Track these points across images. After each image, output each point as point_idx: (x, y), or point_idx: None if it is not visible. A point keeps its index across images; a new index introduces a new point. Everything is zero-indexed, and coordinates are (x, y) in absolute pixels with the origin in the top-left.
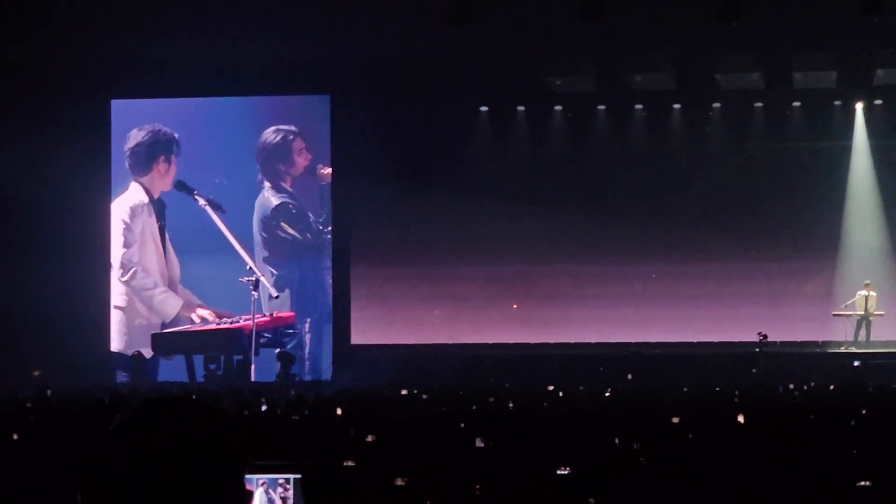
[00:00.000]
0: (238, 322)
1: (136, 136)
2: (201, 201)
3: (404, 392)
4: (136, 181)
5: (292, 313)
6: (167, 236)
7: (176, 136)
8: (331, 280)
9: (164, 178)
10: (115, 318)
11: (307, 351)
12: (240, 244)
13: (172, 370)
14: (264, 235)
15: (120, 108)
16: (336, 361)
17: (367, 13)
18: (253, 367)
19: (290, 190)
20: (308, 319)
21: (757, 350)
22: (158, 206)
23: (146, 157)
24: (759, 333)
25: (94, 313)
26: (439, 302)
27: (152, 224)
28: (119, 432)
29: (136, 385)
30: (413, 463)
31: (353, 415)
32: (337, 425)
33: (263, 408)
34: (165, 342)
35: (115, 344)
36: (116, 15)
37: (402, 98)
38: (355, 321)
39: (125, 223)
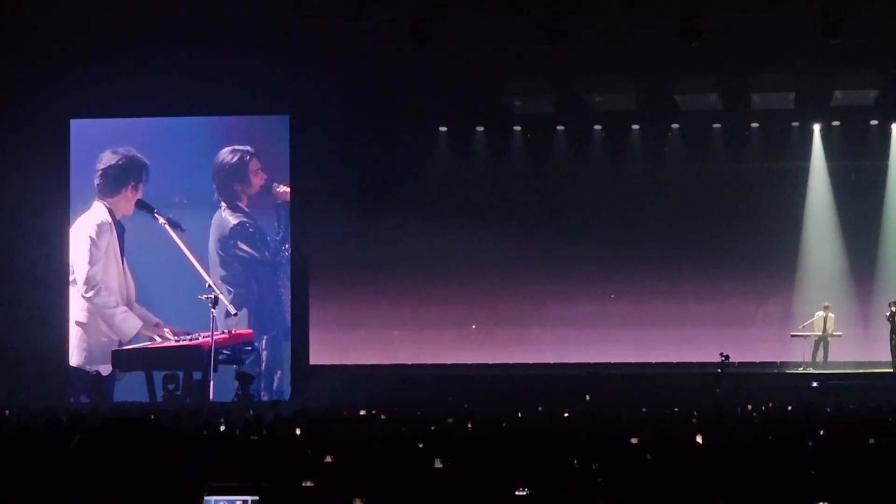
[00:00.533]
0: (197, 339)
1: (108, 159)
2: (161, 220)
3: (363, 412)
4: (101, 202)
5: (251, 330)
6: (125, 257)
7: (147, 163)
8: (289, 299)
9: (129, 203)
10: (76, 333)
11: (264, 368)
12: (198, 262)
13: (131, 390)
14: (221, 254)
15: (79, 127)
16: (295, 381)
17: (328, 34)
18: (212, 386)
19: (247, 209)
20: (265, 337)
21: (719, 371)
22: (119, 227)
23: (116, 181)
24: (722, 354)
25: (53, 330)
26: (398, 322)
27: (115, 244)
28: (78, 453)
29: (95, 405)
30: (372, 484)
31: (311, 435)
32: (295, 446)
33: (222, 428)
34: (125, 358)
35: (75, 359)
36: (76, 34)
37: (362, 118)
38: (314, 341)
39: (92, 240)
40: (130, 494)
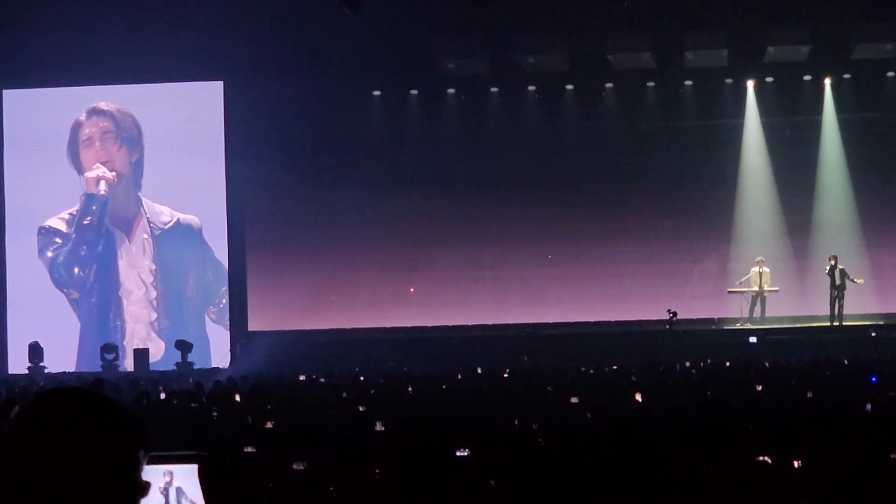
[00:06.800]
0: None
1: None
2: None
3: (302, 378)
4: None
5: None
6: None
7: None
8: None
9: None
10: None
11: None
12: None
13: (68, 360)
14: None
15: (13, 97)
16: (233, 348)
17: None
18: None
19: None
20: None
21: (668, 327)
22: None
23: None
24: (669, 311)
25: None
26: (336, 287)
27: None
28: (15, 424)
29: (33, 376)
30: (313, 448)
31: (251, 402)
32: (236, 413)
33: (162, 396)
34: None
35: None
36: (7, 5)
37: (296, 83)
38: (252, 307)
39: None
40: (68, 464)
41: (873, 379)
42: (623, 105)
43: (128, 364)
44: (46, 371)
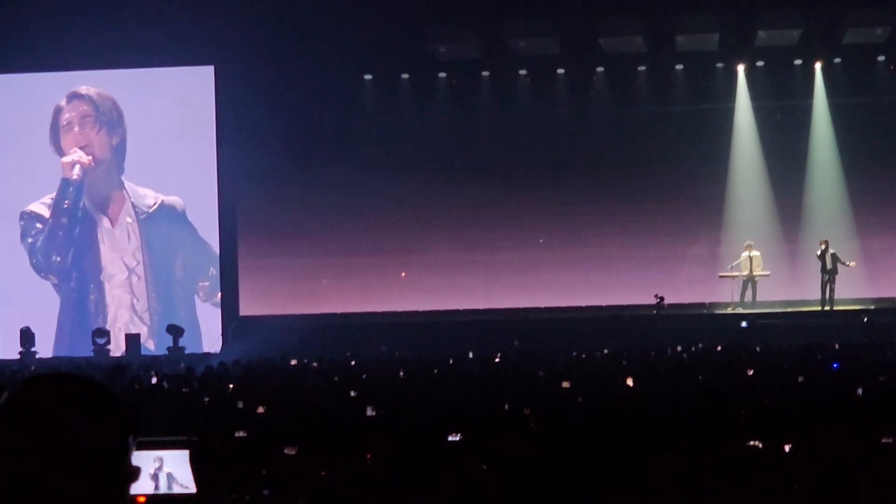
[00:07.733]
0: None
1: None
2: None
3: (294, 362)
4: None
5: None
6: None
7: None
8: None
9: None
10: None
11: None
12: None
13: (61, 345)
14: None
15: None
16: (225, 333)
17: None
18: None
19: None
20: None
21: (655, 312)
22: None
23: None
24: (656, 296)
25: None
26: (327, 271)
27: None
28: (3, 409)
29: (25, 360)
30: (304, 433)
31: (243, 386)
32: (227, 397)
33: (153, 381)
34: None
35: None
36: None
37: (287, 67)
38: (244, 292)
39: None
40: (57, 450)
41: (835, 365)
42: (614, 89)
43: (112, 348)
44: (38, 356)
